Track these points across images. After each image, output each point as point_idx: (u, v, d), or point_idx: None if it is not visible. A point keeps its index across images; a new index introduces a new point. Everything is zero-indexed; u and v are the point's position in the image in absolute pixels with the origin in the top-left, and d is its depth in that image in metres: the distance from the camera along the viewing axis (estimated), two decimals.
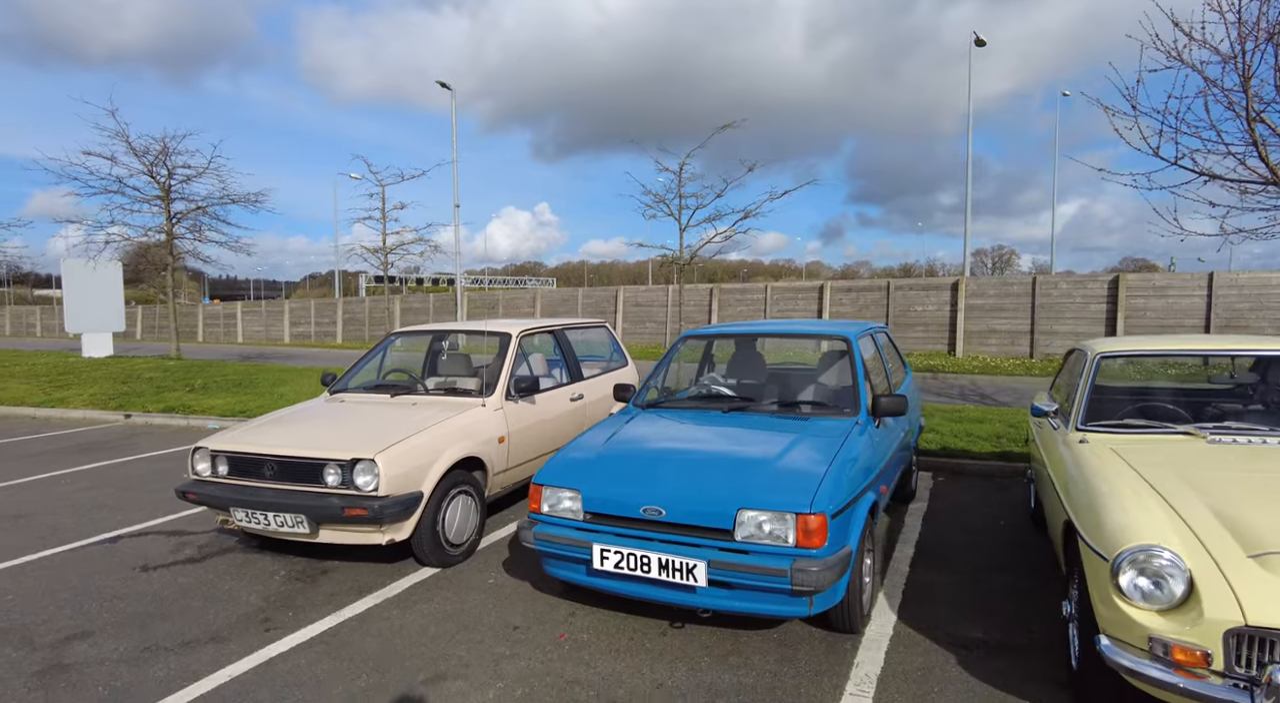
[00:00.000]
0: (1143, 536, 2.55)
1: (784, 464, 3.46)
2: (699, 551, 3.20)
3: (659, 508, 3.31)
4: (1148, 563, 2.47)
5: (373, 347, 5.98)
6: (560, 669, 3.22)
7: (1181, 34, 7.51)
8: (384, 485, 4.03)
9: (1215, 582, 2.35)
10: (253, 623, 3.72)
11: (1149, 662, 2.41)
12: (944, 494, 6.02)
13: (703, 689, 3.03)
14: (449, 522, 4.41)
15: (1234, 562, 2.38)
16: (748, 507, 3.18)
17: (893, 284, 19.68)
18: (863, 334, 4.91)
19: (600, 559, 3.37)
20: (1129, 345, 4.08)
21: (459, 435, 4.55)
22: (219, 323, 37.53)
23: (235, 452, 4.35)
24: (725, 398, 4.56)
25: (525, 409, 5.22)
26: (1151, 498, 2.81)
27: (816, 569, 3.02)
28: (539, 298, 27.10)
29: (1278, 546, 2.38)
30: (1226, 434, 3.39)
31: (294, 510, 4.08)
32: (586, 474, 3.60)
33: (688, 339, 5.22)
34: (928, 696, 2.97)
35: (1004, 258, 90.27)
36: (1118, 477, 3.05)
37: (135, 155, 16.86)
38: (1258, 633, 2.22)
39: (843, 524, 3.26)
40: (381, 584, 4.21)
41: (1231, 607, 2.27)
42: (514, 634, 3.57)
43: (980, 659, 3.25)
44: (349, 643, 3.51)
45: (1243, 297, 15.57)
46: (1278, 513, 2.57)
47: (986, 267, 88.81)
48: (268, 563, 4.57)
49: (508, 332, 5.48)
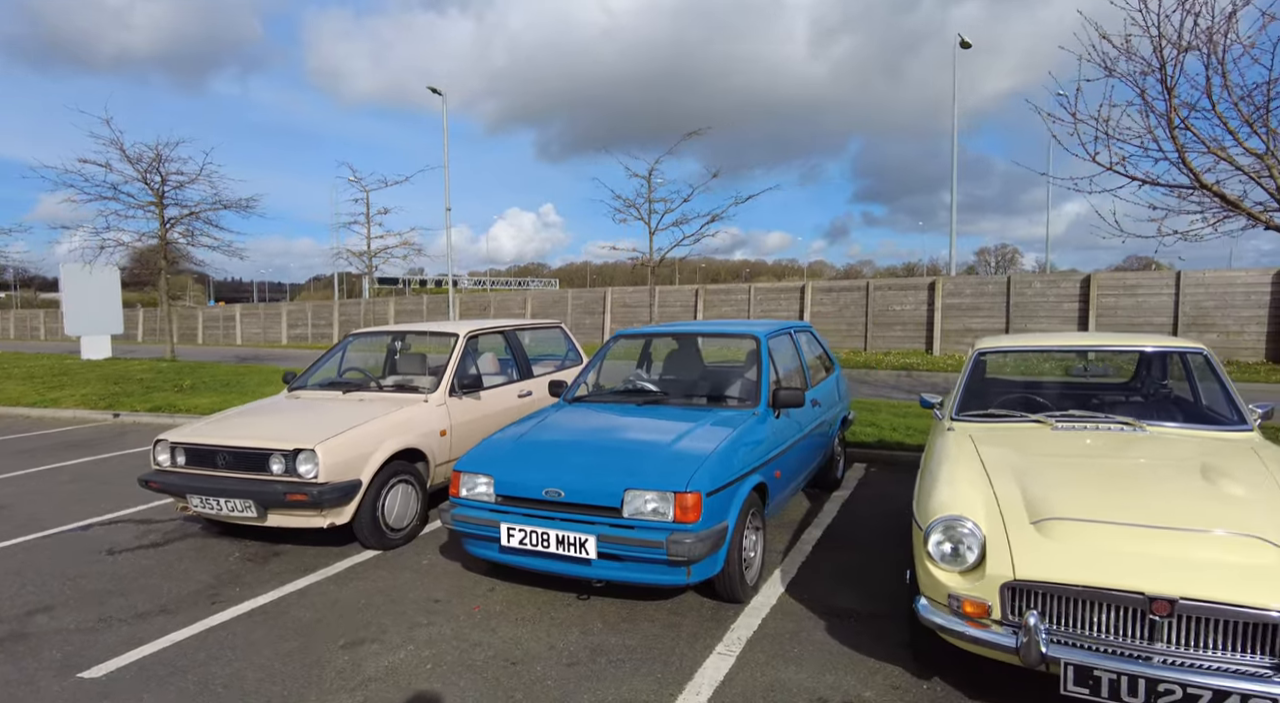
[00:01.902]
0: (953, 508, 2.92)
1: (673, 450, 3.83)
2: (591, 527, 3.58)
3: (559, 490, 3.69)
4: (952, 531, 2.84)
5: (331, 347, 6.37)
6: (467, 635, 3.59)
7: (1110, 46, 7.90)
8: (323, 473, 4.42)
9: (1000, 545, 2.72)
10: (201, 598, 4.11)
11: (948, 615, 2.78)
12: (871, 483, 6.38)
13: (589, 650, 3.41)
14: (389, 508, 4.80)
15: (1018, 528, 2.75)
16: (634, 487, 3.56)
17: (872, 284, 20.04)
18: (777, 333, 5.28)
19: (507, 537, 3.75)
20: (1006, 342, 4.45)
21: (398, 429, 4.94)
22: (218, 325, 38.03)
23: (191, 443, 4.75)
24: (644, 392, 4.94)
25: (469, 404, 5.60)
26: (978, 476, 3.18)
27: (690, 541, 3.40)
28: (530, 299, 27.51)
29: (1055, 512, 2.75)
30: (1070, 422, 3.76)
31: (242, 496, 4.48)
32: (499, 461, 3.99)
33: (620, 338, 5.61)
34: (786, 654, 3.33)
35: (1007, 256, 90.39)
36: (959, 459, 3.42)
37: (129, 162, 17.32)
38: (1023, 585, 2.59)
39: (721, 502, 3.63)
40: (325, 564, 4.60)
41: (1006, 564, 2.64)
42: (434, 606, 3.95)
43: (845, 626, 3.62)
44: (285, 613, 3.89)
45: (1209, 295, 15.89)
46: (1070, 486, 2.95)
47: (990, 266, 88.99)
48: (225, 546, 4.96)
49: (455, 332, 5.86)
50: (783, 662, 3.26)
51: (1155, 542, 2.52)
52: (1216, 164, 7.88)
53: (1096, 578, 2.47)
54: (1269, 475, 2.92)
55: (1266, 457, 3.16)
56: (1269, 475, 2.92)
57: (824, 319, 20.68)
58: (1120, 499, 2.79)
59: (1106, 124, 8.13)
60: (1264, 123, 7.54)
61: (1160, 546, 2.51)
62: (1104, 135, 8.18)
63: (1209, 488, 2.80)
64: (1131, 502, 2.76)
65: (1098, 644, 2.49)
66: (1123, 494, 2.83)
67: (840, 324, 20.41)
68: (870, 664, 3.23)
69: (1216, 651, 2.37)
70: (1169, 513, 2.64)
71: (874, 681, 3.09)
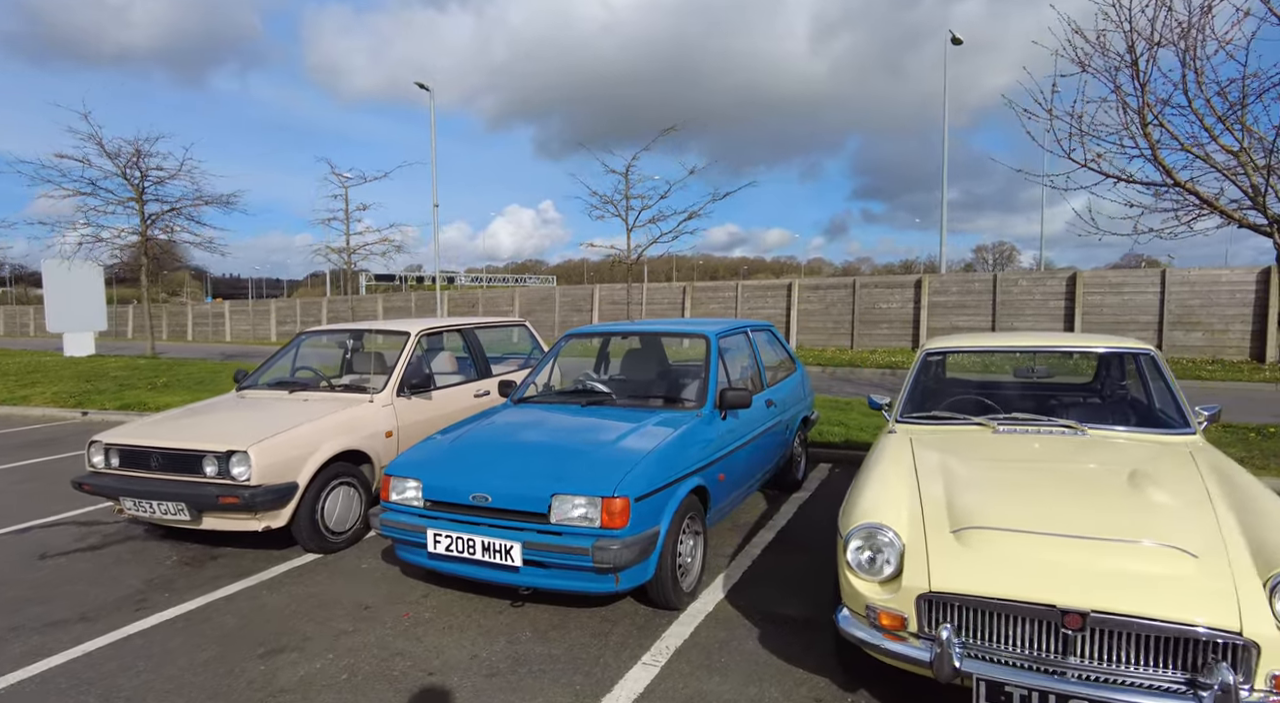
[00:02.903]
0: (874, 515, 2.82)
1: (606, 453, 3.73)
2: (516, 533, 3.48)
3: (486, 495, 3.59)
4: (872, 540, 2.74)
5: (283, 346, 6.26)
6: (391, 643, 3.49)
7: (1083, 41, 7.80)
8: (256, 475, 4.31)
9: (918, 555, 2.62)
10: (127, 604, 4.00)
11: (866, 627, 2.69)
12: (833, 484, 6.28)
13: (511, 660, 3.31)
14: (329, 511, 4.69)
15: (938, 537, 2.66)
16: (561, 492, 3.45)
17: (858, 282, 19.94)
18: (730, 333, 5.18)
19: (434, 543, 3.65)
20: (954, 342, 4.35)
21: (340, 430, 4.82)
22: (208, 322, 37.85)
23: (125, 444, 4.63)
24: (592, 392, 4.83)
25: (419, 405, 5.49)
26: (907, 482, 3.08)
27: (617, 547, 3.30)
28: (519, 296, 27.39)
29: (976, 521, 2.65)
30: (1013, 425, 3.66)
31: (175, 498, 4.37)
32: (428, 465, 3.88)
33: (570, 338, 5.50)
34: (713, 664, 3.24)
35: (1005, 254, 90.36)
36: (891, 463, 3.32)
37: (108, 157, 17.16)
38: (938, 597, 2.49)
39: (653, 507, 3.53)
40: (262, 568, 4.49)
41: (923, 575, 2.54)
42: (363, 613, 3.85)
43: (779, 634, 3.52)
44: (209, 620, 3.78)
45: (1194, 293, 15.82)
46: (996, 493, 2.85)
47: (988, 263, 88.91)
48: (163, 550, 4.85)
49: (406, 331, 5.75)
50: (707, 673, 3.17)
51: (1071, 552, 2.43)
52: (1192, 161, 7.81)
53: (1010, 590, 2.38)
54: (1199, 483, 2.83)
55: (1202, 462, 3.06)
56: (1199, 483, 2.83)
57: (811, 317, 20.59)
58: (1044, 508, 2.69)
59: (1080, 121, 8.07)
60: (1239, 120, 7.47)
61: (1076, 556, 2.41)
62: (1079, 132, 8.12)
63: (1135, 496, 2.71)
64: (1055, 510, 2.66)
65: (1013, 659, 2.40)
66: (1048, 502, 2.74)
67: (827, 322, 20.32)
68: (798, 675, 3.13)
69: (1131, 665, 2.27)
70: (1090, 522, 2.55)
71: (798, 693, 2.99)
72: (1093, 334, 5.09)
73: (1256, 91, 7.17)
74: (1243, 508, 2.61)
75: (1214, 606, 2.19)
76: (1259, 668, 2.15)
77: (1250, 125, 7.35)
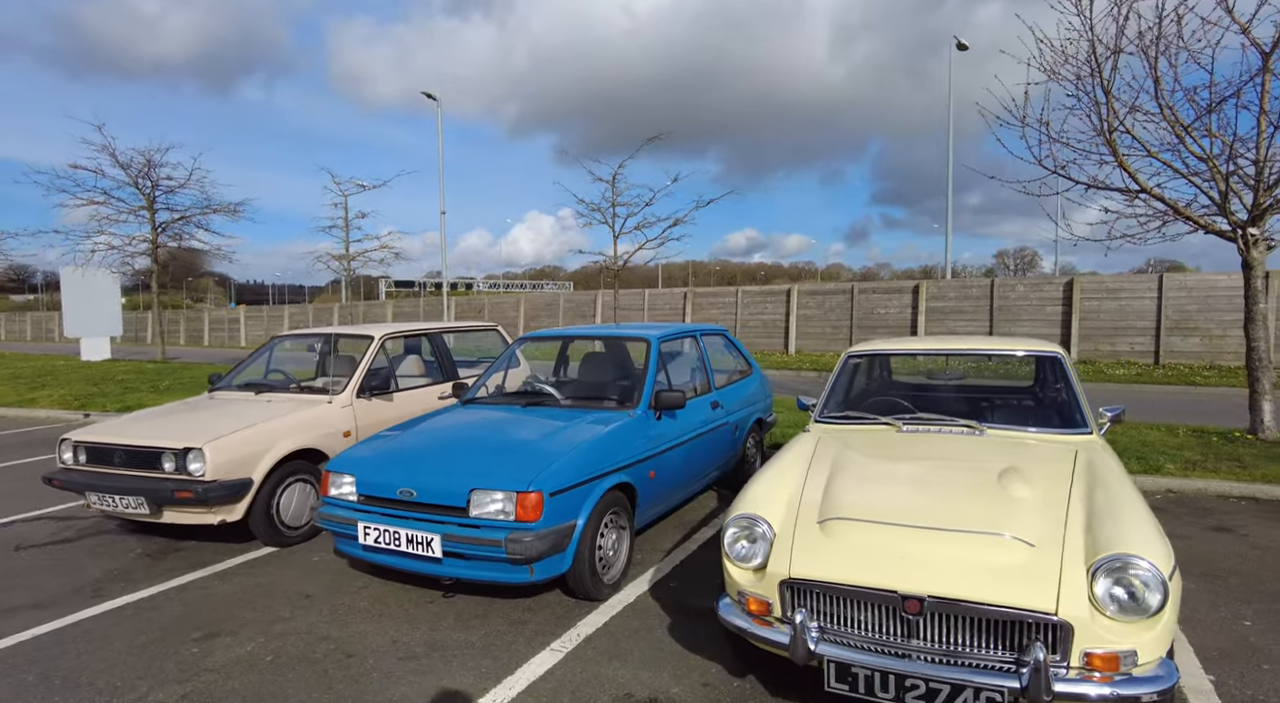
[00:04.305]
0: (754, 506, 2.97)
1: (529, 450, 3.91)
2: (437, 526, 3.66)
3: (411, 490, 3.78)
4: (747, 529, 2.90)
5: (258, 348, 6.51)
6: (320, 629, 3.68)
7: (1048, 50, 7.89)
8: (211, 471, 4.53)
9: (785, 543, 2.77)
10: (82, 593, 4.22)
11: (740, 614, 2.84)
12: None
13: (428, 645, 3.49)
14: (285, 506, 4.91)
15: (805, 527, 2.80)
16: (480, 487, 3.64)
17: (857, 288, 20.00)
18: (675, 337, 5.34)
19: (364, 535, 3.84)
20: (876, 346, 4.48)
21: (297, 429, 5.04)
22: (224, 327, 38.57)
23: (91, 442, 4.88)
24: (535, 394, 5.02)
25: (379, 406, 5.70)
26: (795, 476, 3.23)
27: (530, 540, 3.47)
28: (524, 302, 27.68)
29: (840, 512, 2.79)
30: (916, 424, 3.79)
31: (135, 493, 4.60)
32: (363, 462, 4.08)
33: (525, 341, 5.70)
34: (616, 651, 3.39)
35: (1026, 259, 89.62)
36: (791, 459, 3.47)
37: (121, 167, 17.68)
38: (797, 583, 2.64)
39: (569, 501, 3.70)
40: (219, 560, 4.71)
41: (785, 563, 2.69)
42: (303, 601, 4.05)
43: (689, 624, 3.67)
44: (157, 608, 4.00)
45: (1191, 298, 15.72)
46: (868, 487, 2.99)
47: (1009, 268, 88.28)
48: (130, 543, 5.09)
49: (370, 335, 5.97)
50: (609, 659, 3.32)
51: (917, 542, 2.56)
52: (1163, 169, 7.88)
53: (856, 577, 2.52)
54: (1066, 481, 2.94)
55: (1081, 461, 3.18)
56: (1066, 481, 2.94)
57: (810, 322, 20.66)
58: (908, 500, 2.82)
59: (1048, 127, 8.16)
60: (1206, 129, 7.53)
61: (920, 546, 2.55)
62: (1048, 139, 8.21)
63: (997, 492, 2.83)
64: (917, 503, 2.80)
65: (863, 642, 2.54)
66: (913, 496, 2.87)
67: (825, 327, 20.38)
68: (693, 661, 3.28)
69: (967, 647, 2.41)
70: (946, 515, 2.68)
71: (689, 678, 3.14)
72: (1012, 337, 5.19)
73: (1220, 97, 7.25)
74: (1097, 504, 2.73)
75: (1036, 590, 2.33)
76: (1074, 646, 2.27)
77: (1217, 131, 7.42)
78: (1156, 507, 5.58)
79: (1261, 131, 7.14)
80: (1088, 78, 7.56)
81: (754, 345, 21.58)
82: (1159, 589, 2.27)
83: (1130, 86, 7.53)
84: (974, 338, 4.80)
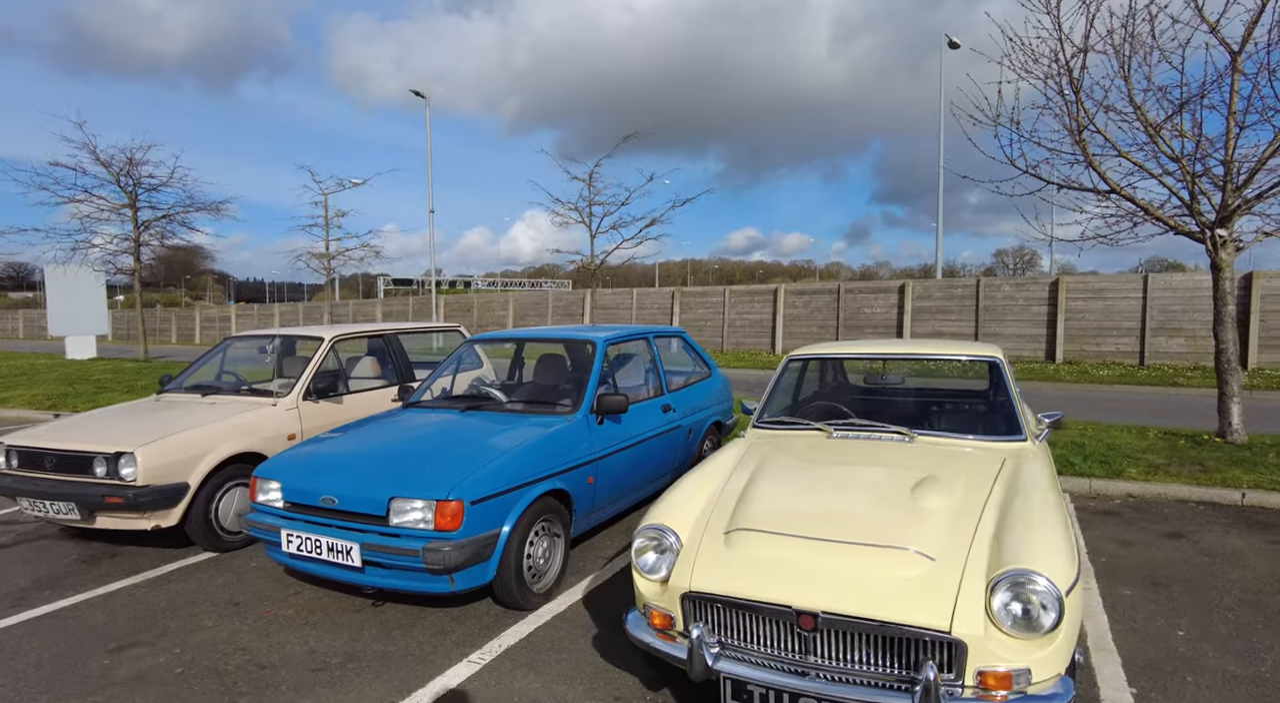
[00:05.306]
0: (664, 517, 2.89)
1: (455, 456, 3.83)
2: (357, 535, 3.58)
3: (333, 498, 3.69)
4: (655, 541, 2.82)
5: (210, 349, 6.42)
6: (239, 639, 3.60)
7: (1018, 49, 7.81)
8: (143, 476, 4.45)
9: (689, 555, 2.69)
10: (4, 602, 4.14)
11: (644, 627, 2.76)
12: None
13: (344, 656, 3.41)
14: (224, 511, 4.82)
15: (711, 538, 2.72)
16: (400, 495, 3.55)
17: (843, 288, 19.92)
18: (626, 338, 5.26)
19: (287, 543, 3.76)
20: (817, 350, 4.40)
21: (237, 432, 4.96)
22: (215, 326, 38.46)
23: (23, 446, 4.80)
24: (476, 397, 4.93)
25: (326, 409, 5.62)
26: (713, 486, 3.15)
27: (448, 550, 3.39)
28: (513, 300, 27.60)
29: (745, 523, 2.71)
30: (846, 431, 3.70)
31: (65, 498, 4.52)
32: (289, 468, 3.99)
33: (475, 343, 5.62)
34: (534, 663, 3.31)
35: (1026, 258, 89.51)
36: (715, 467, 3.39)
37: (103, 165, 17.56)
38: (697, 596, 2.56)
39: (494, 509, 3.62)
40: (155, 566, 4.63)
41: (688, 575, 2.61)
42: (229, 610, 3.97)
43: (614, 635, 3.57)
44: (77, 617, 3.92)
45: (1176, 299, 15.65)
46: (778, 497, 2.91)
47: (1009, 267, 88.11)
48: (67, 549, 5.00)
49: (321, 336, 5.89)
50: (525, 671, 3.25)
51: (816, 556, 2.49)
52: (1135, 169, 7.80)
53: (752, 591, 2.45)
54: (985, 491, 2.86)
55: (1007, 470, 3.10)
56: (985, 491, 2.86)
57: (797, 322, 20.59)
58: (815, 511, 2.75)
59: (1019, 127, 8.09)
60: (1176, 129, 7.46)
61: (819, 559, 2.47)
62: (1019, 138, 8.14)
63: (908, 501, 2.75)
64: (824, 514, 2.72)
65: (761, 658, 2.46)
66: (822, 506, 2.79)
67: (812, 327, 20.31)
68: (611, 674, 3.20)
69: (862, 664, 2.33)
70: (850, 526, 2.60)
71: (603, 692, 3.06)
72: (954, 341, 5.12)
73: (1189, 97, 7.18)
74: (1011, 516, 2.65)
75: (931, 607, 2.25)
76: (969, 665, 2.20)
77: (1189, 131, 7.35)
78: (1113, 512, 5.51)
79: (1230, 132, 7.06)
80: (1056, 77, 7.48)
81: (741, 345, 21.51)
82: (1054, 607, 2.19)
83: (1100, 85, 7.46)
84: (917, 342, 4.72)
